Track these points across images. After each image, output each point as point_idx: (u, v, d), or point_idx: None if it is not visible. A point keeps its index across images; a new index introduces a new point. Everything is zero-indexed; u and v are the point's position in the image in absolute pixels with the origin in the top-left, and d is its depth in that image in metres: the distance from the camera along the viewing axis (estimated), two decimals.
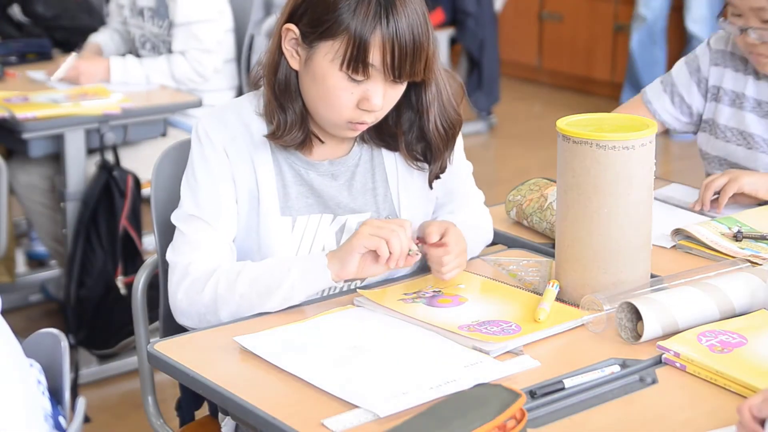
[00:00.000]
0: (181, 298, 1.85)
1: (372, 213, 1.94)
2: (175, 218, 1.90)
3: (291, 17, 1.83)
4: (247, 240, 1.91)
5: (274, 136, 1.87)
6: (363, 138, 1.95)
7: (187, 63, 3.54)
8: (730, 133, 2.40)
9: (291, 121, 1.87)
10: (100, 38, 3.83)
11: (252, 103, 1.91)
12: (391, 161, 1.96)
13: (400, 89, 1.85)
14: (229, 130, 1.89)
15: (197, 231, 1.87)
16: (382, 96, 1.81)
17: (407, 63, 1.78)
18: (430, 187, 1.98)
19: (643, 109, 2.52)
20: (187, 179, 1.91)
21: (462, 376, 1.56)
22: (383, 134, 1.94)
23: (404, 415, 1.45)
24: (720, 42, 2.43)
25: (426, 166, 1.96)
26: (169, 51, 3.62)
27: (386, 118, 1.89)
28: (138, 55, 3.73)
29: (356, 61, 1.77)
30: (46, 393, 1.46)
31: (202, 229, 1.87)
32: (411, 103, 1.90)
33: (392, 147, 1.95)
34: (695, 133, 2.50)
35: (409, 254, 1.80)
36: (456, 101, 1.95)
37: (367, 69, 1.78)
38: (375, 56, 1.77)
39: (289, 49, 1.84)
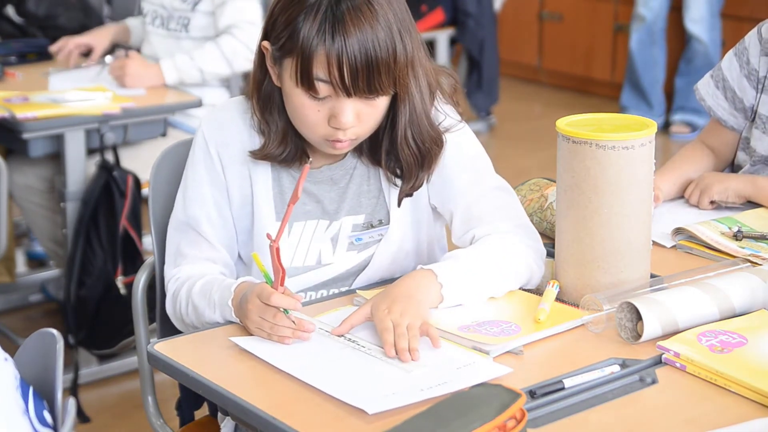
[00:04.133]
0: (170, 314, 1.92)
1: (366, 215, 1.92)
2: (169, 226, 1.94)
3: (266, 35, 1.82)
4: (246, 246, 1.93)
5: (256, 154, 1.86)
6: (356, 148, 1.91)
7: (236, 40, 3.48)
8: None
9: (273, 137, 1.86)
10: (133, 22, 3.82)
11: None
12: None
13: (378, 105, 1.79)
14: (225, 135, 1.90)
15: (184, 244, 1.91)
16: (353, 113, 1.76)
17: (359, 79, 1.72)
18: (398, 204, 1.91)
19: (712, 125, 2.41)
20: (181, 183, 1.93)
21: (452, 379, 1.56)
22: (368, 148, 1.90)
23: (394, 414, 1.46)
24: None
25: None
26: (185, 28, 3.59)
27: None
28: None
29: (303, 77, 1.74)
30: (20, 388, 1.46)
31: (187, 242, 1.91)
32: (387, 116, 1.85)
33: (376, 161, 1.91)
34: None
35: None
36: (450, 101, 1.90)
37: (314, 85, 1.74)
38: (319, 72, 1.73)
39: (271, 66, 1.82)
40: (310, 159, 1.88)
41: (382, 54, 1.73)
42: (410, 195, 1.91)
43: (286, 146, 1.86)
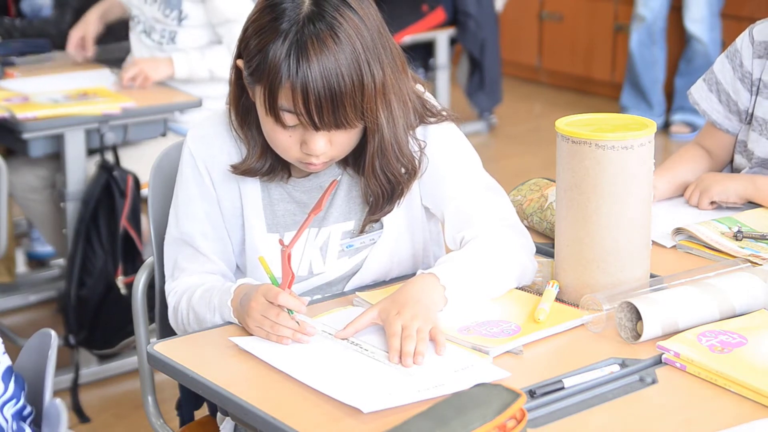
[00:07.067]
0: (173, 326, 1.91)
1: (357, 221, 1.91)
2: (165, 242, 1.94)
3: (239, 54, 1.80)
4: (242, 256, 1.93)
5: (237, 168, 1.85)
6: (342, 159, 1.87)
7: None
8: None
9: (252, 152, 1.84)
10: None
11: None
12: None
13: (352, 131, 1.77)
14: (212, 149, 1.89)
15: (181, 258, 1.91)
16: (323, 141, 1.75)
17: (324, 114, 1.70)
18: (360, 231, 1.90)
19: (707, 128, 2.41)
20: (173, 200, 1.93)
21: (449, 381, 1.56)
22: (352, 161, 1.88)
23: (392, 414, 1.46)
24: (763, 33, 2.29)
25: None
26: (171, 41, 3.56)
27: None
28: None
29: (270, 108, 1.72)
30: (6, 355, 1.47)
31: (184, 257, 1.91)
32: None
33: (357, 173, 1.89)
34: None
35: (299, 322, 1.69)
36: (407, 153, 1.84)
37: (281, 117, 1.72)
38: (284, 103, 1.71)
39: (246, 84, 1.80)
40: (339, 176, 1.87)
41: (347, 87, 1.70)
42: (376, 221, 1.90)
43: (266, 160, 1.85)
